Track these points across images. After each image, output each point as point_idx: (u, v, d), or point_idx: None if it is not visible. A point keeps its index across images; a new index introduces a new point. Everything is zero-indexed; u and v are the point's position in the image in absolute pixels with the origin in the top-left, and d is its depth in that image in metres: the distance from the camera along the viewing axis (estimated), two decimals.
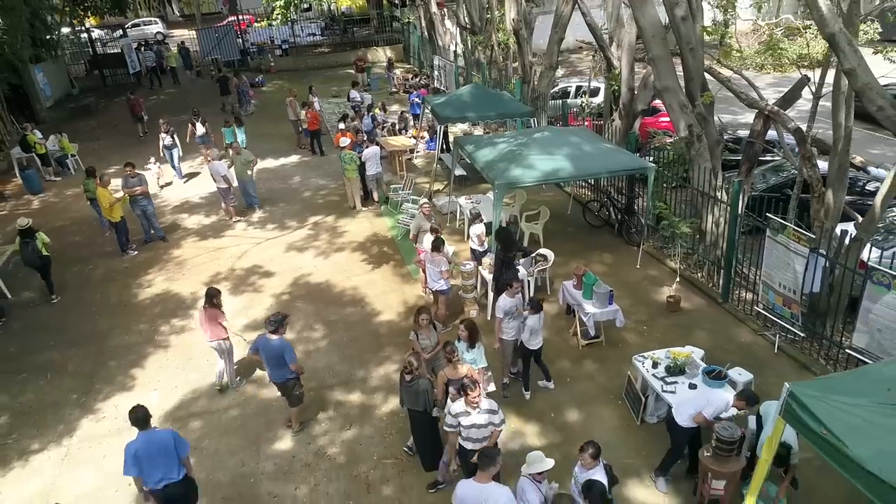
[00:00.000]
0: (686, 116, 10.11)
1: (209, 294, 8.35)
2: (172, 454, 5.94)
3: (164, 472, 5.91)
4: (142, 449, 5.86)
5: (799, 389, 4.92)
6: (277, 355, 7.33)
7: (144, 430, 5.97)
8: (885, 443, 4.36)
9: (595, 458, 5.43)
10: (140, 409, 6.03)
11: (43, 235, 11.28)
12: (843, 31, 6.53)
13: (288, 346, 7.43)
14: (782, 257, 8.59)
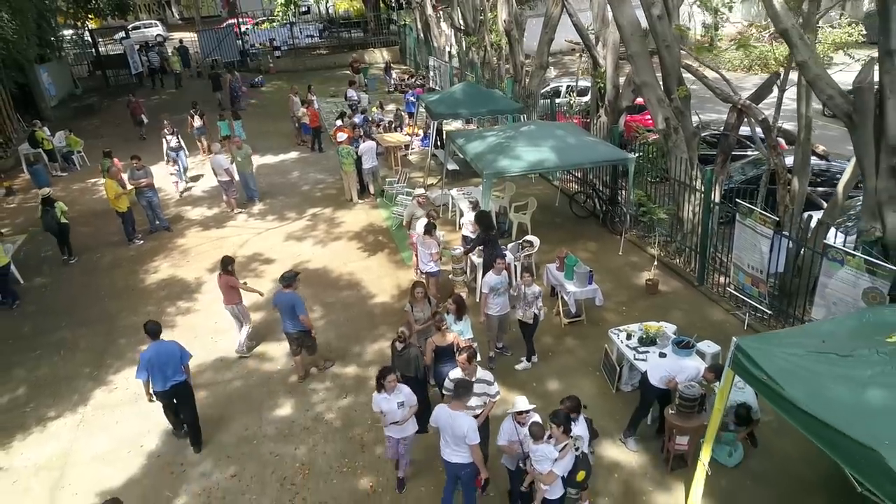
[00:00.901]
0: (663, 110, 10.73)
1: (224, 262, 9.14)
2: (178, 360, 7.36)
3: (172, 374, 7.28)
4: (154, 356, 7.18)
5: (744, 342, 5.53)
6: (289, 307, 8.25)
7: (156, 340, 7.32)
8: (816, 385, 4.96)
9: (573, 410, 6.01)
10: (154, 323, 7.48)
11: (61, 204, 12.65)
12: (794, 27, 7.16)
13: (298, 299, 8.29)
14: (750, 239, 9.20)
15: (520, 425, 5.91)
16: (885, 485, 4.23)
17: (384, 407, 6.44)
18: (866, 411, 4.61)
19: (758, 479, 6.89)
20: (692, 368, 7.09)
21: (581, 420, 6.09)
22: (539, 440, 5.68)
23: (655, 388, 7.17)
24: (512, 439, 5.93)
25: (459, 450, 5.87)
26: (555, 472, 5.65)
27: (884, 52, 6.63)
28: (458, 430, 5.74)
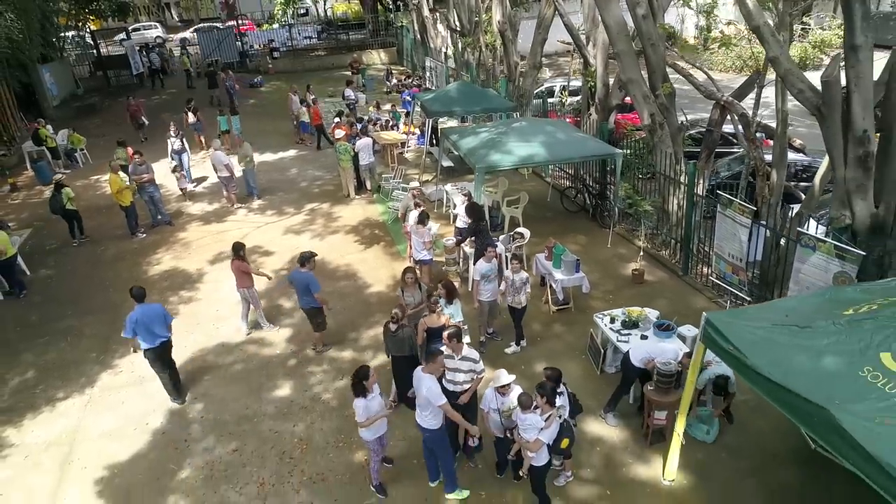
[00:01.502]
0: (649, 106, 11.13)
1: (235, 248, 9.69)
2: (163, 320, 8.25)
3: (159, 332, 8.18)
4: (141, 317, 8.04)
5: (713, 317, 5.94)
6: (304, 285, 8.84)
7: (142, 303, 8.19)
8: (777, 354, 5.34)
9: (554, 380, 6.41)
10: (139, 288, 8.39)
11: (68, 191, 13.49)
12: (766, 24, 7.57)
13: (313, 277, 8.85)
14: (730, 229, 9.59)
15: (501, 395, 6.31)
16: (835, 440, 4.61)
17: (373, 407, 6.42)
18: (821, 376, 5.00)
19: (732, 452, 7.27)
20: (671, 351, 7.48)
21: (563, 390, 6.48)
22: (527, 410, 6.06)
23: (636, 368, 7.55)
24: (492, 406, 6.36)
25: (423, 413, 6.41)
26: (541, 440, 6.03)
27: (848, 48, 7.03)
28: (422, 391, 6.27)
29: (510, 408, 6.35)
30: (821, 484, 6.65)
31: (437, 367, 6.33)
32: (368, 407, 6.37)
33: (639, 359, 7.53)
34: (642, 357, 7.53)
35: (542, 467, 6.23)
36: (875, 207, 7.76)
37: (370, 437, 6.56)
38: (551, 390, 6.21)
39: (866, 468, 4.37)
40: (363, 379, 6.31)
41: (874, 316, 5.23)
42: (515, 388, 6.44)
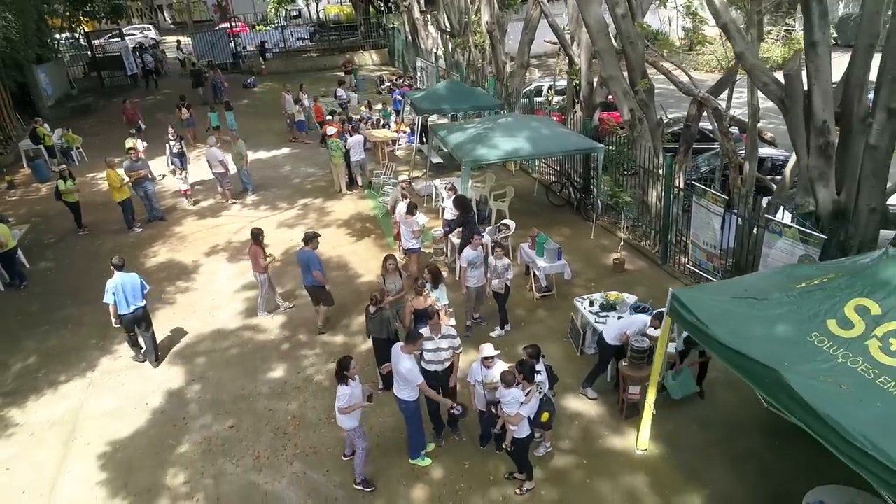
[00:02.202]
0: (629, 101, 11.60)
1: (253, 234, 10.22)
2: (139, 288, 9.11)
3: (135, 300, 9.02)
4: (120, 284, 8.90)
5: (679, 292, 6.38)
6: (306, 262, 9.42)
7: (121, 271, 9.03)
8: (735, 324, 5.79)
9: (533, 357, 6.84)
10: (118, 258, 9.24)
11: (60, 182, 13.88)
12: (733, 22, 8.03)
13: (314, 256, 9.38)
14: (704, 218, 10.07)
15: (485, 368, 6.73)
16: (783, 398, 5.05)
17: (356, 394, 6.65)
18: (774, 342, 5.44)
19: (701, 424, 7.71)
20: (640, 321, 7.92)
21: (541, 365, 6.91)
22: (509, 386, 6.47)
23: (611, 346, 7.99)
24: (476, 379, 6.78)
25: (400, 385, 6.91)
26: (521, 414, 6.44)
27: (808, 44, 7.50)
28: (399, 368, 6.74)
29: (493, 381, 6.77)
30: (780, 451, 7.09)
31: (415, 348, 6.82)
32: (353, 394, 6.61)
33: (612, 336, 7.96)
34: (615, 334, 7.96)
35: (525, 439, 6.63)
36: (837, 194, 8.21)
37: (351, 424, 6.75)
38: (530, 368, 6.63)
39: (809, 421, 4.82)
40: (345, 368, 6.57)
41: (823, 287, 5.68)
42: (499, 363, 6.87)
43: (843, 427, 4.53)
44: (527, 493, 6.78)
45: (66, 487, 7.33)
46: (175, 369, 9.36)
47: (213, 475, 7.34)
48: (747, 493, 6.71)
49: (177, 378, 9.15)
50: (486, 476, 7.10)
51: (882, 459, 4.27)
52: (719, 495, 6.71)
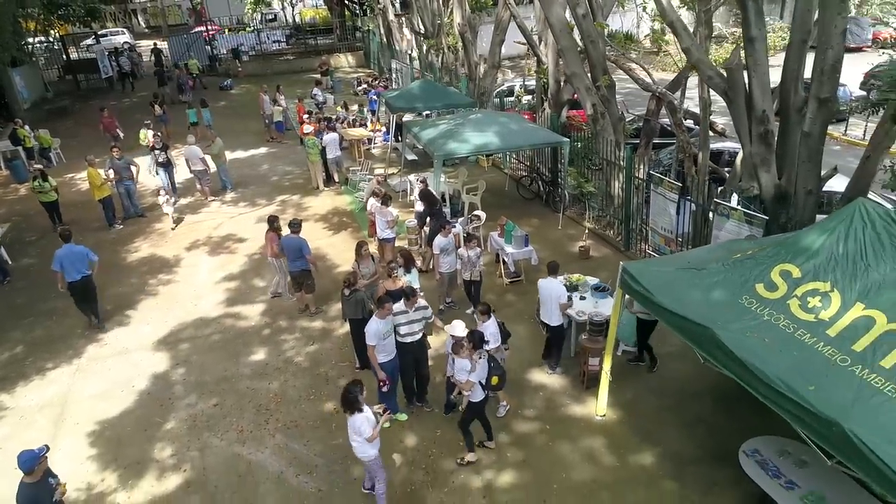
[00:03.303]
0: (591, 97, 12.23)
1: (269, 220, 10.76)
2: (85, 259, 10.02)
3: (80, 269, 9.96)
4: (68, 254, 9.87)
5: (629, 265, 6.98)
6: (296, 249, 9.97)
7: (68, 243, 9.96)
8: (677, 292, 6.39)
9: (485, 314, 7.46)
10: (65, 229, 10.25)
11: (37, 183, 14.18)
12: (679, 20, 8.68)
13: (304, 241, 9.91)
14: (662, 205, 10.72)
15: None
16: (717, 353, 5.67)
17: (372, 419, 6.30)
18: (709, 305, 6.05)
19: (656, 392, 8.32)
20: (563, 290, 8.52)
21: (493, 321, 7.58)
22: (457, 354, 7.01)
23: (557, 327, 8.58)
24: (450, 351, 7.34)
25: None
26: (471, 380, 6.97)
27: (746, 40, 8.16)
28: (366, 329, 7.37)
29: None
30: (726, 414, 7.71)
31: (384, 313, 7.35)
32: (369, 418, 6.21)
33: (556, 316, 8.47)
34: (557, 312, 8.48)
35: (479, 403, 7.12)
36: (778, 179, 8.89)
37: (374, 452, 6.34)
38: (479, 338, 7.15)
39: (738, 371, 5.44)
40: (356, 395, 6.17)
41: (754, 257, 6.31)
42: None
43: (765, 373, 5.15)
44: (467, 464, 7.25)
45: (57, 463, 7.58)
46: (160, 355, 9.75)
47: (199, 448, 7.77)
48: (695, 450, 7.32)
49: (162, 363, 9.54)
50: (456, 442, 7.61)
51: (795, 398, 4.88)
52: (670, 453, 7.31)
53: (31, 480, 5.69)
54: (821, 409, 4.68)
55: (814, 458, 6.15)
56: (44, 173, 14.39)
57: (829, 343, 5.19)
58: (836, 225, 5.78)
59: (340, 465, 7.39)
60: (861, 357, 4.97)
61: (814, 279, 5.65)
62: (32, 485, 5.68)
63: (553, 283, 8.40)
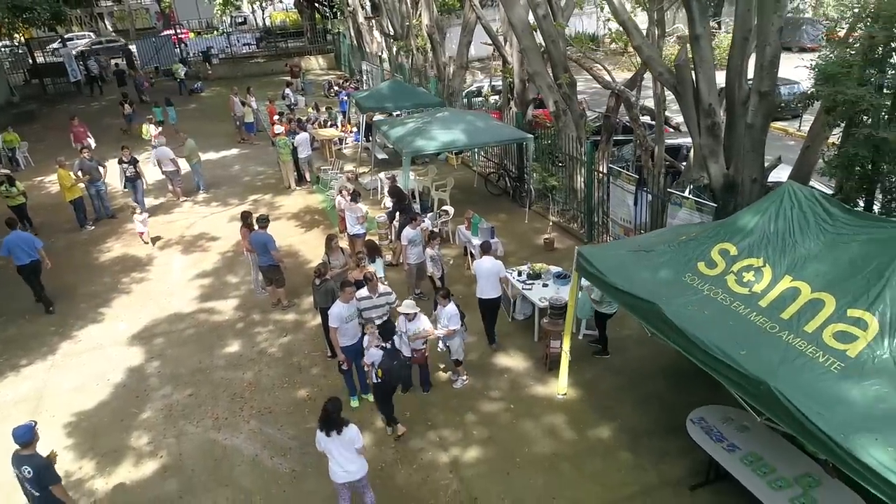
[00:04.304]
0: (553, 94, 12.70)
1: (243, 216, 11.02)
2: (32, 244, 10.81)
3: (30, 255, 10.72)
4: (15, 239, 10.66)
5: (583, 250, 7.43)
6: (263, 244, 10.18)
7: (15, 230, 10.84)
8: (628, 272, 6.84)
9: (445, 297, 7.93)
10: (11, 217, 11.33)
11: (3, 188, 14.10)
12: (630, 19, 9.16)
13: (270, 237, 10.13)
14: (620, 197, 11.21)
15: (409, 322, 7.67)
16: (662, 326, 6.10)
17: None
18: (656, 283, 6.50)
19: (614, 372, 8.76)
20: (501, 266, 9.13)
21: (452, 304, 8.01)
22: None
23: (488, 300, 9.14)
24: (401, 330, 7.83)
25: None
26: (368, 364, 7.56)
27: (692, 38, 8.66)
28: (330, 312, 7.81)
29: (416, 332, 7.71)
30: (679, 391, 8.15)
31: (347, 297, 7.74)
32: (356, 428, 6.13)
33: (496, 288, 9.02)
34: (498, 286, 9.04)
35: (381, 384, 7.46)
36: (726, 169, 9.41)
37: (365, 467, 6.24)
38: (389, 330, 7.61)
39: (680, 341, 5.88)
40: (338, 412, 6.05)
41: (697, 238, 6.79)
42: (421, 317, 7.83)
43: (703, 342, 5.59)
44: (402, 435, 7.66)
45: None
46: (134, 350, 9.93)
47: (175, 435, 8.00)
48: (650, 424, 7.76)
49: (136, 357, 9.73)
50: (424, 422, 7.98)
51: (729, 362, 5.33)
52: (626, 427, 7.74)
53: (28, 453, 5.97)
54: (750, 370, 5.14)
55: (753, 423, 6.64)
56: (10, 178, 14.37)
57: (761, 313, 5.66)
58: (769, 206, 6.27)
59: (313, 446, 7.62)
60: (788, 324, 5.44)
61: (748, 256, 6.13)
62: (29, 457, 5.95)
63: (490, 260, 8.97)
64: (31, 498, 6.03)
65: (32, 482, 5.91)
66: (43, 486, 5.93)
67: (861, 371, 4.86)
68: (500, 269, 8.92)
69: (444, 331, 8.02)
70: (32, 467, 5.89)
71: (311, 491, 7.05)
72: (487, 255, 9.01)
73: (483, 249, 9.14)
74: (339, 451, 6.03)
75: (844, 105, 6.87)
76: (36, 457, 5.99)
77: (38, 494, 5.95)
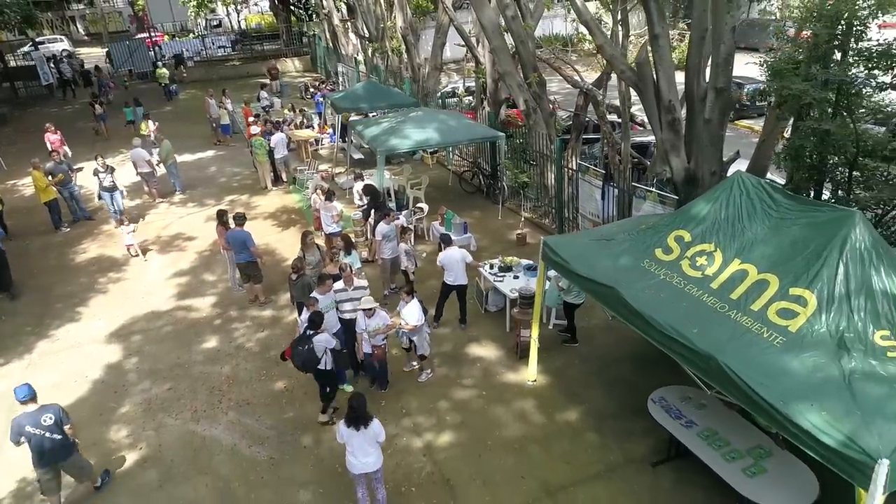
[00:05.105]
0: (523, 93, 13.04)
1: (218, 214, 11.15)
2: None
3: None
4: None
5: (549, 239, 7.74)
6: (240, 242, 10.40)
7: None
8: (590, 259, 7.15)
9: (409, 293, 8.23)
10: None
11: None
12: (593, 20, 9.53)
13: (248, 234, 10.31)
14: (589, 191, 11.57)
15: (368, 318, 7.95)
16: (621, 309, 6.43)
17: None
18: (616, 269, 6.82)
19: (583, 359, 9.10)
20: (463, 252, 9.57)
21: (414, 300, 8.25)
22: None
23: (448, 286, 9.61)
24: (360, 328, 8.03)
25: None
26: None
27: (651, 37, 9.04)
28: None
29: (375, 328, 7.98)
30: (644, 375, 8.49)
31: (325, 289, 8.01)
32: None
33: (462, 276, 9.48)
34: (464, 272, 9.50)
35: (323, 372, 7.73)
36: (687, 163, 9.81)
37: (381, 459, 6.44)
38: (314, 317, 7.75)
39: (637, 322, 6.21)
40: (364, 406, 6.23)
41: (654, 226, 7.13)
42: (380, 313, 8.10)
43: (659, 322, 5.92)
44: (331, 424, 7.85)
45: (12, 449, 7.87)
46: (112, 347, 10.04)
47: (154, 428, 8.16)
48: (615, 406, 8.10)
49: (114, 354, 9.84)
50: (399, 409, 8.23)
51: (681, 340, 5.67)
52: (593, 409, 8.07)
53: (38, 406, 6.67)
54: (701, 346, 5.48)
55: (710, 401, 7.03)
56: None
57: (712, 294, 6.01)
58: (720, 194, 6.64)
59: (291, 435, 7.90)
60: (736, 303, 5.80)
61: (701, 241, 6.49)
62: (42, 407, 6.68)
63: (453, 250, 9.41)
64: (51, 444, 6.61)
65: (54, 427, 6.58)
66: (62, 428, 6.65)
67: (801, 344, 5.23)
68: (465, 256, 9.44)
69: (407, 326, 8.20)
70: (52, 413, 6.64)
71: (288, 476, 7.27)
72: (450, 246, 9.46)
73: (445, 242, 9.58)
74: (359, 444, 6.21)
75: (791, 99, 7.27)
76: (48, 404, 6.77)
77: (59, 437, 6.63)
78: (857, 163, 7.55)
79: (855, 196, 7.72)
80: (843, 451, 4.42)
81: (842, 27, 7.15)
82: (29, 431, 6.52)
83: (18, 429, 6.55)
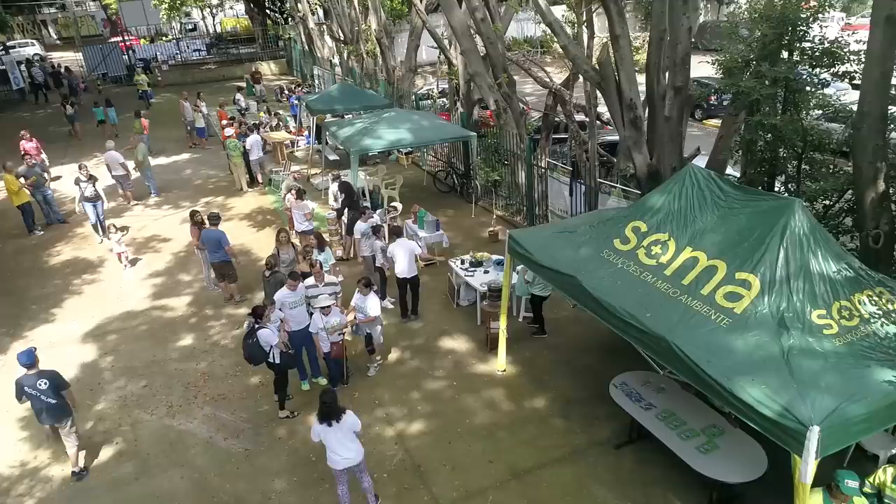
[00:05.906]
0: (493, 94, 13.34)
1: (190, 214, 11.32)
2: None
3: None
4: None
5: (514, 233, 8.03)
6: (215, 241, 10.56)
7: None
8: (553, 251, 7.44)
9: (367, 286, 8.45)
10: None
11: None
12: (557, 21, 9.85)
13: (223, 234, 10.51)
14: (558, 189, 11.92)
15: (325, 316, 8.11)
16: (581, 296, 6.73)
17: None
18: (577, 259, 7.12)
19: (552, 349, 9.39)
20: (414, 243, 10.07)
21: (371, 293, 8.51)
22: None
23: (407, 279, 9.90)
24: (318, 326, 8.18)
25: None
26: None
27: (612, 37, 9.38)
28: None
29: (333, 326, 8.16)
30: (610, 363, 8.71)
31: (293, 285, 8.19)
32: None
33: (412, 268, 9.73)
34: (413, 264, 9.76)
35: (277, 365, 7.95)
36: (650, 159, 10.16)
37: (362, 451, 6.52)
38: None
39: (595, 308, 6.51)
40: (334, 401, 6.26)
41: (613, 218, 7.45)
42: (335, 311, 8.27)
43: (615, 308, 6.23)
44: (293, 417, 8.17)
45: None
46: (87, 346, 10.11)
47: (131, 423, 8.28)
48: (581, 393, 8.40)
49: (90, 353, 9.92)
50: (372, 401, 8.45)
51: (635, 323, 5.98)
52: (560, 396, 8.37)
53: (36, 370, 7.19)
54: (653, 329, 5.79)
55: (669, 385, 7.35)
56: None
57: (666, 280, 6.33)
58: (673, 186, 6.97)
59: (266, 427, 8.08)
60: (687, 289, 6.11)
61: (656, 231, 6.81)
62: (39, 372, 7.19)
63: (405, 241, 9.78)
64: (48, 407, 7.14)
65: (49, 391, 7.10)
66: (58, 392, 7.19)
67: (745, 324, 5.55)
68: (414, 247, 9.82)
69: (367, 320, 8.46)
70: (47, 378, 7.15)
71: (263, 466, 7.45)
72: (400, 238, 9.86)
73: (396, 233, 10.04)
74: (337, 439, 6.26)
75: (741, 96, 7.64)
76: (46, 370, 7.29)
77: (54, 402, 7.15)
78: (805, 156, 7.94)
79: (804, 188, 8.11)
80: (780, 420, 4.74)
81: (788, 28, 7.54)
82: (28, 391, 7.14)
83: (19, 388, 7.23)
